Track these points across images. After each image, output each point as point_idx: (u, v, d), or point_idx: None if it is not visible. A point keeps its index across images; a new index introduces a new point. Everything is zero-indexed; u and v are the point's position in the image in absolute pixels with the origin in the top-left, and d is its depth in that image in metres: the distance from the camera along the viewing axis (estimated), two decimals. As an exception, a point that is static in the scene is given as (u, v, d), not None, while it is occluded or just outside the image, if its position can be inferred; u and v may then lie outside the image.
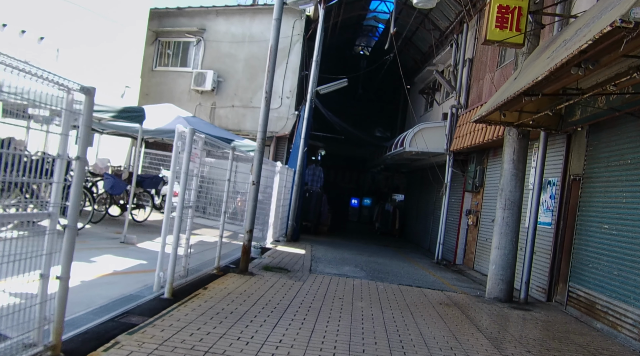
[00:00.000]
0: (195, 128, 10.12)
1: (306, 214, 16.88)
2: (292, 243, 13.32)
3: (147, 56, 18.29)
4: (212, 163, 14.48)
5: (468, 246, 13.49)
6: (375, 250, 14.91)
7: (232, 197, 14.92)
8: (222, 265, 8.04)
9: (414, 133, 13.90)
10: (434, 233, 16.56)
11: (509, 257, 8.56)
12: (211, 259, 7.95)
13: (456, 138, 13.45)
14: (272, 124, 16.71)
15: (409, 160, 18.21)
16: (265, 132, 8.24)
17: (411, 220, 20.60)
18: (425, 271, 11.68)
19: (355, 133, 16.87)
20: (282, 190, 13.15)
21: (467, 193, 13.78)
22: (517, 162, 8.63)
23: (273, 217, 12.08)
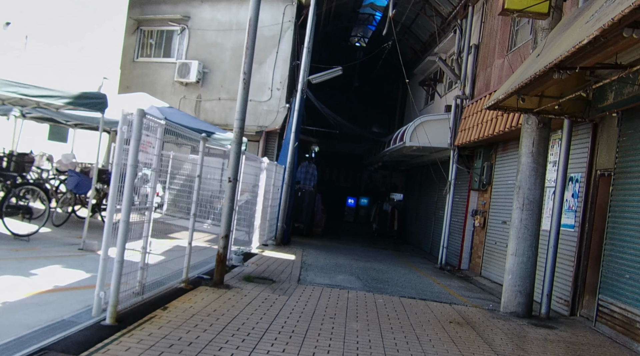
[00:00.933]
0: (170, 119, 8.90)
1: (298, 215, 15.70)
2: (282, 248, 12.12)
3: (128, 46, 17.07)
4: (195, 160, 13.29)
5: (474, 250, 12.33)
6: (373, 254, 13.72)
7: (217, 197, 13.75)
8: (193, 277, 6.84)
9: (415, 127, 12.73)
10: (436, 235, 15.39)
11: (527, 265, 7.39)
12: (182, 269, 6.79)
13: (461, 131, 12.28)
14: (261, 118, 15.57)
15: (408, 156, 17.03)
16: (244, 120, 7.03)
17: (410, 221, 19.43)
18: (429, 278, 10.50)
19: (351, 127, 15.69)
20: (270, 188, 11.95)
21: (472, 191, 12.61)
22: (536, 154, 7.45)
23: (260, 219, 10.88)
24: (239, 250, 8.83)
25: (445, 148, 12.96)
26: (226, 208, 6.79)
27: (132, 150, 4.51)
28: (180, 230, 11.15)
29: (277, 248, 11.84)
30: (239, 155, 6.88)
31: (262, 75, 15.66)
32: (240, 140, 6.94)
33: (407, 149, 13.84)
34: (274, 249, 11.62)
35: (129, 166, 4.51)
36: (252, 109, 15.70)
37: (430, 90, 17.08)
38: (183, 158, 15.06)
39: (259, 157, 10.45)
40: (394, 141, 14.36)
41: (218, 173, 14.27)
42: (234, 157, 6.81)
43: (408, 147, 13.26)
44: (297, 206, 15.69)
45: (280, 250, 11.64)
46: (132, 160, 4.50)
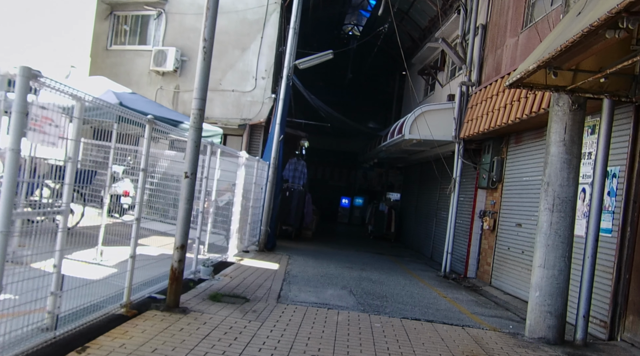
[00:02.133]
0: (129, 105, 7.47)
1: (286, 217, 14.27)
2: (265, 255, 10.68)
3: (100, 33, 15.59)
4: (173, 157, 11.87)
5: (483, 255, 10.93)
6: (369, 261, 12.29)
7: (196, 197, 12.29)
8: (141, 298, 5.40)
9: (415, 117, 11.32)
10: (438, 238, 14.00)
11: (559, 279, 5.98)
12: (142, 282, 5.40)
13: (467, 122, 10.89)
14: (244, 110, 14.15)
15: (407, 152, 15.63)
16: (204, 99, 5.60)
17: (409, 223, 18.04)
18: (433, 290, 9.08)
19: (344, 120, 14.28)
20: (251, 187, 10.52)
21: (480, 190, 11.21)
22: (569, 143, 6.05)
23: (238, 222, 9.44)
24: (208, 260, 7.38)
25: (449, 141, 11.57)
26: (182, 211, 5.35)
27: (14, 127, 3.06)
28: (152, 234, 9.69)
29: (260, 256, 10.40)
30: (198, 144, 5.44)
31: (246, 62, 14.22)
32: (200, 126, 5.50)
33: (406, 143, 12.44)
34: (255, 256, 10.18)
35: (9, 151, 3.05)
36: (234, 100, 14.29)
37: (430, 79, 15.68)
38: (159, 154, 13.59)
39: (236, 151, 9.01)
40: (392, 134, 12.96)
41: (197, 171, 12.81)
42: (192, 146, 5.37)
43: (407, 141, 11.86)
44: (285, 207, 14.27)
45: (262, 257, 10.20)
46: (13, 141, 3.05)
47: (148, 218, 12.99)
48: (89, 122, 5.82)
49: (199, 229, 7.13)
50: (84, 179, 7.72)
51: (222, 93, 14.36)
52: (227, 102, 14.29)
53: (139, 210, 5.03)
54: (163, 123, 5.55)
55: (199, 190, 10.86)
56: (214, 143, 7.18)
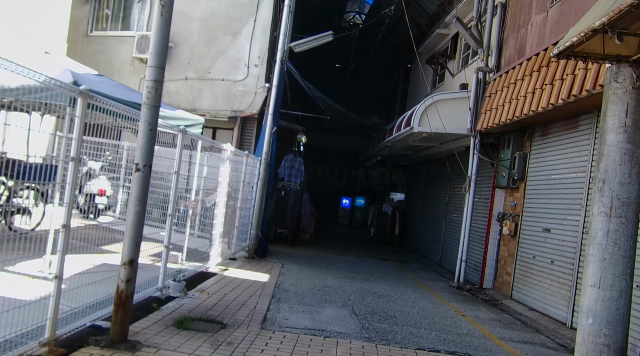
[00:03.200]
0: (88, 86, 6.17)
1: (281, 219, 12.99)
2: (255, 262, 9.40)
3: (80, 18, 14.33)
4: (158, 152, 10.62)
5: (501, 264, 9.64)
6: (372, 268, 11.00)
7: (183, 196, 11.01)
8: (79, 328, 4.11)
9: (426, 108, 10.02)
10: (448, 243, 12.71)
11: (619, 303, 4.68)
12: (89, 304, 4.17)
13: (484, 113, 9.60)
14: (235, 101, 12.86)
15: (413, 148, 14.34)
16: (163, 68, 4.29)
17: (414, 225, 16.74)
18: (449, 306, 7.79)
19: (345, 112, 13.00)
20: (239, 186, 9.24)
21: (498, 190, 9.93)
22: (632, 129, 4.75)
23: (222, 226, 8.16)
24: (179, 273, 6.09)
25: (464, 135, 10.28)
26: (131, 215, 4.06)
27: None
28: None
29: (248, 264, 9.12)
30: (154, 128, 4.14)
31: (237, 49, 12.92)
32: (156, 103, 4.19)
33: (414, 137, 11.15)
34: (242, 265, 8.89)
35: None
36: (224, 90, 13.01)
37: (439, 69, 14.37)
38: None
39: (219, 143, 7.71)
40: (398, 128, 11.67)
41: (185, 168, 11.49)
42: (145, 129, 4.07)
43: (416, 134, 10.56)
44: (280, 208, 12.99)
45: (251, 266, 8.92)
46: None
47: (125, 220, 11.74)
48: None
49: (167, 235, 5.84)
50: (45, 175, 6.39)
51: (211, 83, 13.08)
52: (216, 92, 13.01)
53: (67, 213, 3.73)
54: (107, 99, 4.25)
55: (186, 190, 9.63)
56: (186, 132, 5.88)
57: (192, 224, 9.87)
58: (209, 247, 7.99)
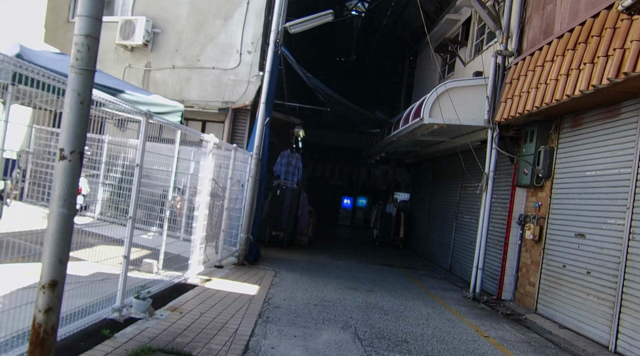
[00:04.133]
0: (38, 62, 5.16)
1: (277, 220, 11.89)
2: (244, 270, 8.30)
3: (60, 3, 13.27)
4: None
5: (523, 272, 8.53)
6: (377, 276, 9.89)
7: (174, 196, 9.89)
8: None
9: (438, 96, 8.90)
10: (460, 247, 11.59)
11: None
12: None
13: (504, 101, 8.49)
14: (227, 91, 11.76)
15: (420, 144, 13.22)
16: (99, 19, 3.17)
17: (421, 227, 15.62)
18: (467, 323, 6.67)
19: (345, 103, 11.88)
20: (226, 184, 8.14)
21: (519, 189, 8.82)
22: None
23: (203, 230, 7.05)
24: (142, 290, 4.97)
25: (479, 127, 9.18)
26: (53, 218, 2.95)
27: None
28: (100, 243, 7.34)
29: (236, 273, 8.01)
30: (86, 101, 3.03)
31: (229, 34, 11.81)
32: (90, 66, 3.10)
33: (423, 130, 10.03)
34: (229, 274, 7.78)
35: None
36: (215, 80, 11.90)
37: (448, 58, 13.25)
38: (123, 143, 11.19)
39: (198, 133, 6.59)
40: (405, 120, 10.55)
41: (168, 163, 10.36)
42: (73, 101, 2.96)
43: (427, 126, 9.44)
44: (276, 208, 11.89)
45: (239, 275, 7.81)
46: None
47: (106, 221, 10.65)
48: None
49: (126, 242, 4.73)
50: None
51: (200, 72, 11.97)
52: (205, 82, 11.90)
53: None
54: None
55: (177, 188, 8.54)
56: (152, 115, 4.77)
57: (177, 226, 8.79)
58: (189, 253, 6.88)
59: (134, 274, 6.44)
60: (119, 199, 11.05)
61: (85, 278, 5.75)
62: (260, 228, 12.36)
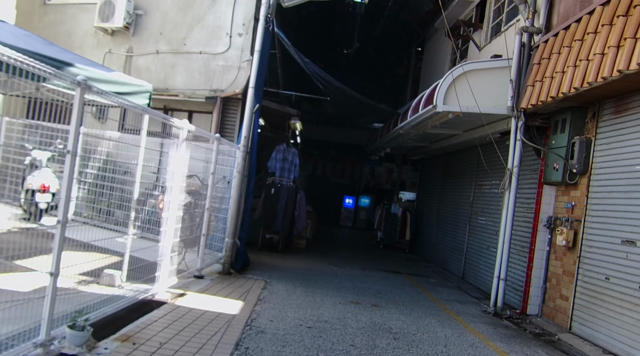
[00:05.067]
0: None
1: (271, 222, 10.73)
2: (229, 281, 7.13)
3: (36, -17, 12.12)
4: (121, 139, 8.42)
5: (552, 284, 7.34)
6: (382, 287, 8.71)
7: (151, 194, 8.75)
8: None
9: (454, 80, 7.72)
10: (474, 253, 10.41)
11: None
12: None
13: (531, 85, 7.31)
14: (215, 78, 10.63)
15: (428, 138, 12.05)
16: None
17: (429, 230, 14.43)
18: (494, 350, 5.49)
19: (348, 91, 10.68)
20: (207, 179, 6.98)
21: (547, 187, 7.64)
22: None
23: (175, 236, 5.88)
24: (78, 317, 3.79)
25: (502, 116, 8.00)
26: None
27: None
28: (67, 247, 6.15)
29: (219, 284, 6.85)
30: None
31: (217, 15, 10.64)
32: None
33: (435, 121, 8.84)
34: (210, 286, 6.61)
35: None
36: (202, 66, 10.74)
37: (461, 43, 12.04)
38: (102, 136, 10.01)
39: (169, 118, 5.40)
40: (414, 110, 9.37)
41: (154, 160, 9.15)
42: None
43: (441, 115, 8.26)
44: (270, 209, 10.73)
45: (221, 287, 6.64)
46: None
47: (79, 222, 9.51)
48: None
49: (54, 254, 3.57)
50: None
51: (186, 57, 10.81)
52: (192, 68, 10.74)
53: None
54: None
55: (158, 185, 7.40)
56: (89, 85, 3.59)
57: (159, 229, 7.64)
58: (159, 263, 5.71)
59: (90, 288, 5.30)
60: (95, 198, 9.88)
61: (24, 294, 4.62)
62: (253, 230, 11.21)
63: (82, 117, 3.58)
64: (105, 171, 9.00)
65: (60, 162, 9.43)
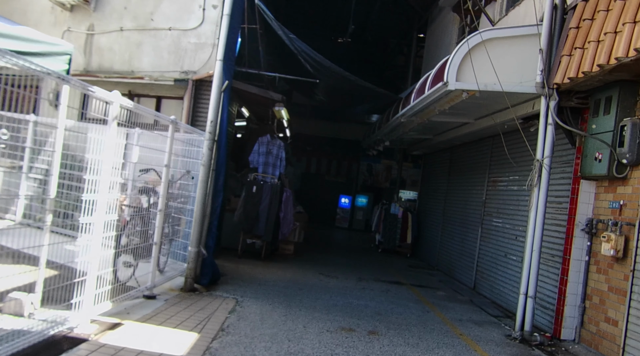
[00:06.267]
0: None
1: (252, 225, 9.27)
2: (189, 301, 5.65)
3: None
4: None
5: (595, 303, 5.90)
6: (382, 305, 7.25)
7: None
8: None
9: (469, 50, 6.25)
10: (488, 259, 8.95)
11: None
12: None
13: (567, 55, 5.87)
14: (186, 58, 9.21)
15: (433, 129, 10.60)
16: None
17: (433, 232, 12.96)
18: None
19: (340, 72, 9.18)
20: (160, 173, 5.52)
21: (585, 182, 6.19)
22: None
23: (103, 247, 4.40)
24: None
25: (528, 95, 6.56)
26: None
27: None
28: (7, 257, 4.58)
29: (173, 306, 5.36)
30: None
31: (185, -15, 9.18)
32: None
33: (444, 103, 7.37)
34: (160, 310, 5.13)
35: None
36: (172, 44, 9.28)
37: (470, 19, 10.56)
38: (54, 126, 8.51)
39: (88, 85, 3.91)
40: (419, 92, 7.90)
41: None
42: None
43: (453, 95, 6.78)
44: (251, 209, 9.27)
45: (174, 312, 5.16)
46: None
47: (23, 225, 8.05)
48: None
49: None
50: None
51: (154, 34, 9.34)
52: (160, 47, 9.28)
53: None
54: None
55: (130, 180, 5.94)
56: None
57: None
58: (75, 285, 4.23)
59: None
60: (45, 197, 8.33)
61: None
62: (233, 235, 9.76)
63: None
64: (51, 165, 7.54)
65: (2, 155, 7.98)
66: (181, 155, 6.75)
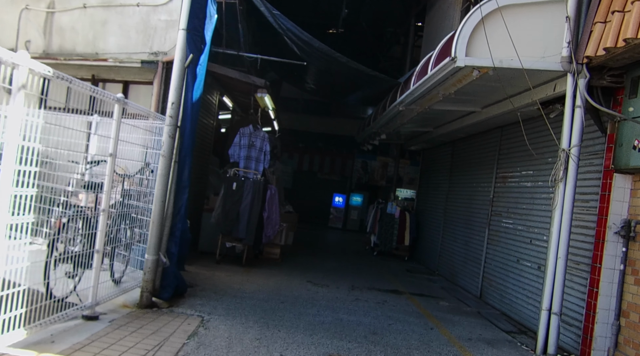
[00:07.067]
0: None
1: (231, 226, 8.24)
2: (142, 321, 4.61)
3: None
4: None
5: (632, 321, 4.90)
6: (378, 320, 6.23)
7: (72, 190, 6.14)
8: None
9: (482, 19, 5.23)
10: (496, 265, 7.94)
11: None
12: None
13: (601, 23, 4.87)
14: (156, 37, 8.18)
15: (435, 120, 9.61)
16: None
17: (433, 233, 11.95)
18: None
19: (331, 54, 8.15)
20: (102, 168, 4.47)
21: (619, 176, 5.19)
22: None
23: (8, 258, 3.35)
24: None
25: (550, 74, 5.55)
26: None
27: None
28: None
29: (120, 328, 4.32)
30: None
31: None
32: None
33: (450, 85, 6.34)
34: (99, 335, 4.08)
35: None
36: (140, 22, 8.21)
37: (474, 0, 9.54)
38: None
39: None
40: (421, 73, 6.87)
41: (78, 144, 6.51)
42: None
43: (462, 74, 5.74)
44: (230, 209, 8.24)
45: (117, 337, 4.11)
46: None
47: None
48: None
49: None
50: None
51: (120, 11, 8.29)
52: (127, 25, 8.23)
53: None
54: None
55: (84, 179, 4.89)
56: None
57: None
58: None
59: None
60: None
61: None
62: (210, 237, 8.74)
63: None
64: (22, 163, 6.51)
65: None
66: (141, 145, 5.72)
